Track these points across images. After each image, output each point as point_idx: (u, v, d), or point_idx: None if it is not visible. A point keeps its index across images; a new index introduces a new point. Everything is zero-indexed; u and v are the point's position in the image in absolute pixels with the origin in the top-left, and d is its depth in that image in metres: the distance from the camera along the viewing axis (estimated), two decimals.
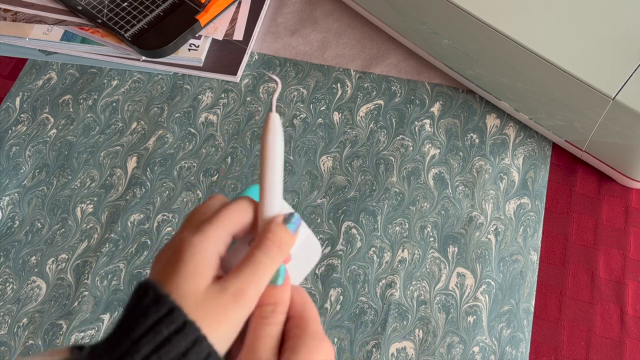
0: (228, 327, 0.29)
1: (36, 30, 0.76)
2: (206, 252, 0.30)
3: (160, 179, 0.67)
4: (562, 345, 0.57)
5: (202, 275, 0.30)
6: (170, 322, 0.28)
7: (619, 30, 0.59)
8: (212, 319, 0.29)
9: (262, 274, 0.31)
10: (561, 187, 0.65)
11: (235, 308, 0.29)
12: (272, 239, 0.32)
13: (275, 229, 0.32)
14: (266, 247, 0.31)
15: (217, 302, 0.29)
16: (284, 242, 0.32)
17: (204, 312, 0.29)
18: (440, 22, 0.65)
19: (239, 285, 0.30)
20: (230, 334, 0.30)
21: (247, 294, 0.30)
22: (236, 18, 0.77)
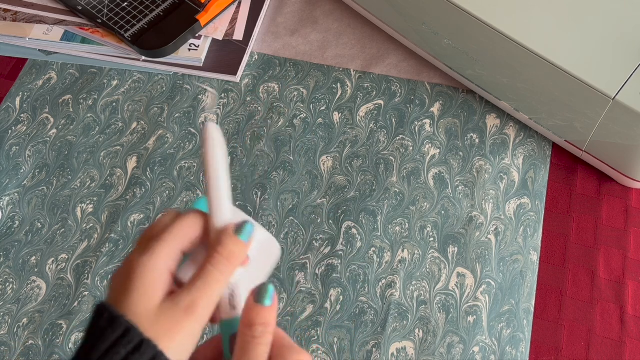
0: (183, 339, 0.30)
1: (36, 30, 0.76)
2: (155, 271, 0.31)
3: (160, 179, 0.67)
4: (562, 345, 0.57)
5: (153, 293, 0.30)
6: (128, 342, 0.29)
7: (619, 30, 0.59)
8: (167, 334, 0.30)
9: (213, 286, 0.31)
10: (561, 187, 0.65)
11: (188, 321, 0.30)
12: (221, 252, 0.32)
13: (225, 241, 0.32)
14: (215, 260, 0.32)
15: (171, 317, 0.30)
16: (233, 254, 0.32)
17: (159, 328, 0.30)
18: (440, 22, 0.65)
19: (190, 299, 0.30)
20: (187, 346, 0.31)
21: (199, 306, 0.31)
22: (236, 18, 0.77)
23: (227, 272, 0.32)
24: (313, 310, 0.60)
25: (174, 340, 0.30)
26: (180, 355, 0.30)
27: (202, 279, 0.31)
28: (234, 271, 0.33)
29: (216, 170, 0.34)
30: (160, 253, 0.31)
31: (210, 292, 0.31)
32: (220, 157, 0.34)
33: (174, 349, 0.30)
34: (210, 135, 0.34)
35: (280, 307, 0.60)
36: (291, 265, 0.62)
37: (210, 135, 0.34)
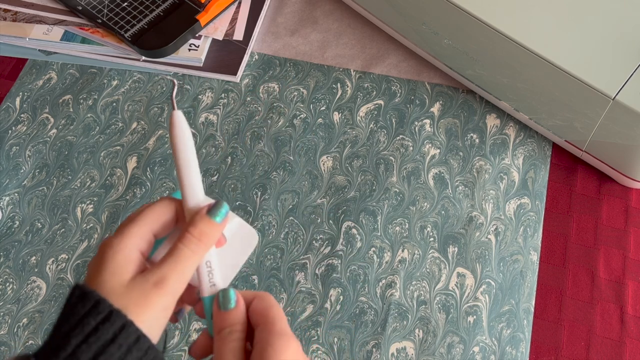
0: (154, 312, 0.31)
1: (36, 30, 0.76)
2: (125, 250, 0.33)
3: (160, 179, 0.67)
4: (562, 345, 0.57)
5: (122, 271, 0.32)
6: (97, 314, 0.30)
7: (619, 30, 0.59)
8: (137, 306, 0.31)
9: (183, 263, 0.33)
10: (561, 187, 0.65)
11: (157, 295, 0.32)
12: (192, 232, 0.34)
13: (197, 222, 0.34)
14: (186, 239, 0.33)
15: (140, 291, 0.31)
16: (204, 233, 0.34)
17: (128, 301, 0.31)
18: (440, 22, 0.65)
19: (160, 274, 0.32)
20: (158, 320, 0.32)
21: (169, 281, 0.32)
22: (236, 18, 0.77)
23: (198, 250, 0.33)
24: (313, 310, 0.60)
25: (144, 313, 0.31)
26: (150, 327, 0.31)
27: (172, 256, 0.33)
28: (206, 250, 0.34)
29: (185, 155, 0.35)
30: (130, 234, 0.33)
31: (180, 268, 0.33)
32: (188, 142, 0.35)
33: (144, 321, 0.31)
34: (177, 123, 0.35)
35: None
36: (291, 265, 0.62)
37: (177, 123, 0.35)
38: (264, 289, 0.61)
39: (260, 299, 0.35)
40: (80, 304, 0.30)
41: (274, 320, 0.34)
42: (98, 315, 0.30)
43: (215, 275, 0.35)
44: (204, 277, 0.35)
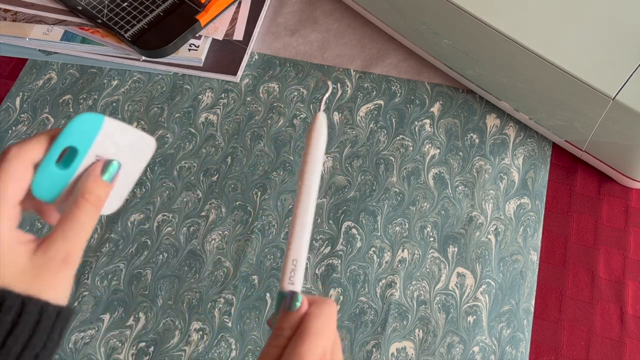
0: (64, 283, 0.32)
1: (36, 30, 0.76)
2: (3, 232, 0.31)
3: (160, 179, 0.67)
4: (562, 345, 0.57)
5: (15, 256, 0.31)
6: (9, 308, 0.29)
7: (619, 30, 0.59)
8: (49, 285, 0.31)
9: (85, 232, 0.33)
10: (561, 187, 0.65)
11: (66, 269, 0.32)
12: (89, 199, 0.33)
13: (92, 186, 0.33)
14: (84, 207, 0.33)
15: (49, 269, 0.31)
16: (101, 197, 0.33)
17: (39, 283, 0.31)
18: (440, 22, 0.65)
19: (66, 249, 0.32)
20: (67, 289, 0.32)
21: (75, 254, 0.32)
22: (236, 18, 0.77)
23: (94, 216, 0.33)
24: None
25: (56, 289, 0.31)
26: (64, 299, 0.32)
27: (73, 227, 0.32)
28: (99, 214, 0.34)
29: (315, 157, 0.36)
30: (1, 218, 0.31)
31: (82, 237, 0.33)
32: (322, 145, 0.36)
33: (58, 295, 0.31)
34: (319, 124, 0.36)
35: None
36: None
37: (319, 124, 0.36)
38: (264, 289, 0.61)
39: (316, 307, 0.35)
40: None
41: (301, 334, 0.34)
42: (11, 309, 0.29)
43: (296, 276, 0.35)
44: (286, 274, 0.35)
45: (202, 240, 0.64)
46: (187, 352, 0.58)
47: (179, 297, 0.61)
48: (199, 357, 0.58)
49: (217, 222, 0.64)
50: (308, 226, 0.36)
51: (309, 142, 0.35)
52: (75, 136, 0.33)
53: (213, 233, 0.64)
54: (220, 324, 0.59)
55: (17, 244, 0.31)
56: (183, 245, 0.63)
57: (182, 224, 0.64)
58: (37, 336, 0.30)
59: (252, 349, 0.58)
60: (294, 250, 0.36)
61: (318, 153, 0.35)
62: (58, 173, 0.33)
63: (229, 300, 0.60)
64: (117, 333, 0.59)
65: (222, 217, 0.65)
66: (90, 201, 0.33)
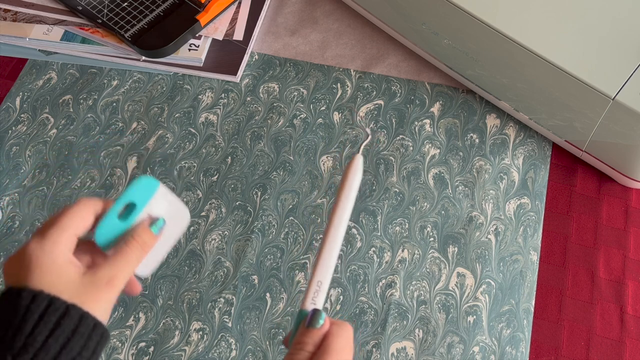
0: (104, 304, 0.37)
1: (36, 30, 0.76)
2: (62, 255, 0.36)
3: (160, 178, 0.67)
4: (562, 345, 0.57)
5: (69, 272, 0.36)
6: (55, 310, 0.34)
7: (619, 30, 0.59)
8: (92, 300, 0.36)
9: (130, 266, 0.39)
10: (561, 187, 0.65)
11: (109, 291, 0.37)
12: (138, 240, 0.39)
13: (141, 232, 0.40)
14: (132, 246, 0.39)
15: (94, 288, 0.36)
16: (146, 242, 0.40)
17: (84, 297, 0.36)
18: (440, 22, 0.65)
19: (111, 273, 0.37)
20: (107, 310, 0.37)
21: (118, 280, 0.37)
22: (236, 18, 0.77)
23: (140, 255, 0.39)
24: None
25: (97, 305, 0.36)
26: (102, 316, 0.36)
27: (122, 259, 0.38)
28: (145, 255, 0.40)
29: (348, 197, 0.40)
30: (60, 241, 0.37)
31: (127, 269, 0.38)
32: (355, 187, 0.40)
33: (98, 312, 0.36)
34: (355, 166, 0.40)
35: (280, 307, 0.60)
36: (291, 265, 0.62)
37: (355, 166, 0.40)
38: (264, 289, 0.61)
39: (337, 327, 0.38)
40: (34, 305, 0.34)
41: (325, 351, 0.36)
42: (56, 311, 0.34)
43: (319, 297, 0.38)
44: (310, 294, 0.38)
45: (202, 240, 0.64)
46: (187, 352, 0.58)
47: (179, 297, 0.61)
48: (199, 357, 0.58)
49: (217, 222, 0.64)
50: (336, 252, 0.38)
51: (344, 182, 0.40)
52: (135, 194, 0.40)
53: (213, 233, 0.64)
54: (220, 324, 0.59)
55: (70, 264, 0.36)
56: (183, 245, 0.63)
57: None
58: (75, 340, 0.34)
59: (252, 349, 0.58)
60: (320, 273, 0.38)
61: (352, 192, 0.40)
62: (117, 224, 0.40)
63: (229, 300, 0.60)
64: (117, 333, 0.59)
65: (222, 217, 0.65)
66: (138, 241, 0.39)
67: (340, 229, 0.39)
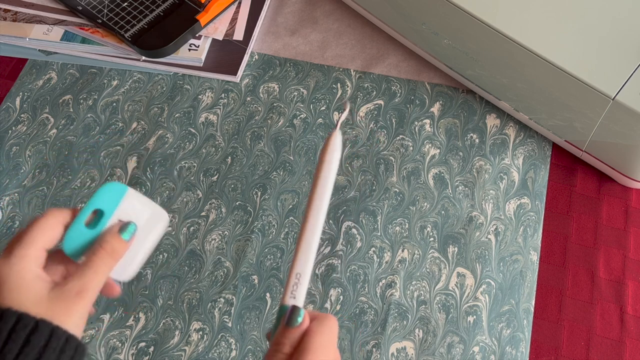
0: (77, 316, 0.36)
1: (36, 30, 0.76)
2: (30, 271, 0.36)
3: (160, 179, 0.67)
4: (562, 345, 0.57)
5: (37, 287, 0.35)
6: (23, 327, 0.33)
7: (619, 30, 0.59)
8: (62, 314, 0.35)
9: (100, 275, 0.37)
10: (561, 187, 0.65)
11: (80, 303, 0.36)
12: (106, 248, 0.38)
13: (109, 239, 0.38)
14: (100, 254, 0.38)
15: (64, 300, 0.35)
16: (115, 250, 0.38)
17: (54, 311, 0.35)
18: (440, 22, 0.65)
19: (81, 284, 0.36)
20: (81, 321, 0.36)
21: (89, 291, 0.36)
22: (236, 18, 0.77)
23: (109, 264, 0.38)
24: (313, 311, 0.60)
25: (69, 319, 0.35)
26: (75, 329, 0.35)
27: (90, 269, 0.37)
28: (116, 262, 0.39)
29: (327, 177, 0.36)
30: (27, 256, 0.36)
31: (97, 279, 0.37)
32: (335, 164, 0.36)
33: (70, 326, 0.35)
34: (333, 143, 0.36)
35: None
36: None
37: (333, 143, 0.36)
38: (264, 289, 0.61)
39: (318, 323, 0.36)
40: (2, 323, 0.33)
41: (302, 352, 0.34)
42: (25, 328, 0.33)
43: (299, 290, 0.36)
44: (289, 287, 0.36)
45: (202, 240, 0.64)
46: (187, 352, 0.58)
47: (179, 297, 0.61)
48: (199, 357, 0.58)
49: (217, 222, 0.64)
50: (315, 241, 0.36)
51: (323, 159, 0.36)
52: (103, 201, 0.39)
53: (213, 233, 0.64)
54: (220, 324, 0.59)
55: (38, 279, 0.36)
56: (183, 245, 0.63)
57: (182, 224, 0.64)
58: (46, 356, 0.33)
59: (252, 349, 0.58)
60: (298, 264, 0.35)
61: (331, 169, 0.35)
62: (86, 232, 0.38)
63: (229, 300, 0.60)
64: (117, 333, 0.59)
65: (222, 217, 0.65)
66: (106, 249, 0.38)
67: (320, 217, 0.36)
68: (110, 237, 0.39)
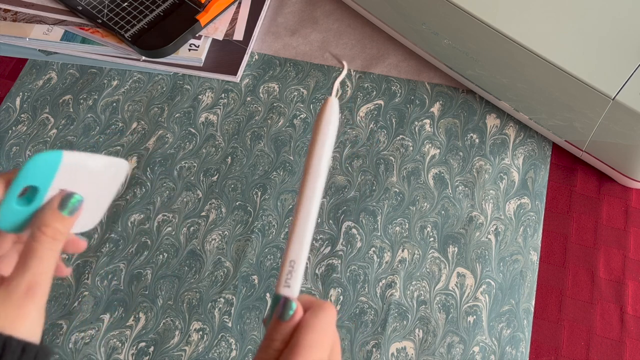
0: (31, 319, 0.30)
1: (36, 30, 0.76)
2: None
3: (160, 179, 0.67)
4: (562, 345, 0.57)
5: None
6: None
7: (619, 30, 0.59)
8: (13, 320, 0.30)
9: (46, 263, 0.32)
10: (561, 187, 0.65)
11: (32, 301, 0.30)
12: (46, 232, 0.32)
13: (49, 220, 0.32)
14: (42, 240, 0.32)
15: (12, 304, 0.30)
16: (59, 231, 0.32)
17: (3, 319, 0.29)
18: (440, 22, 0.65)
19: (28, 280, 0.31)
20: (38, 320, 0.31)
21: (38, 284, 0.31)
22: (236, 18, 0.77)
23: (55, 247, 0.32)
24: None
25: (22, 323, 0.30)
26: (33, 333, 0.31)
27: (33, 259, 0.31)
28: (61, 245, 0.33)
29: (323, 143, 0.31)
30: None
31: (43, 267, 0.31)
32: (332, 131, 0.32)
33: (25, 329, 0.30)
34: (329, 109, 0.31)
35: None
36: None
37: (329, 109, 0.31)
38: (264, 289, 0.61)
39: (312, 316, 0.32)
40: None
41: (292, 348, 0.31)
42: None
43: (293, 278, 0.33)
44: (282, 276, 0.33)
45: (202, 240, 0.64)
46: (187, 352, 0.58)
47: (179, 297, 0.61)
48: (199, 357, 0.58)
49: (217, 222, 0.64)
50: (310, 226, 0.33)
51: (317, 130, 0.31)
52: (34, 175, 0.33)
53: (213, 233, 0.64)
54: (220, 324, 0.59)
55: None
56: (183, 245, 0.63)
57: (182, 224, 0.64)
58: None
59: (252, 349, 0.58)
60: (292, 251, 0.33)
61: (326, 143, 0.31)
62: (21, 210, 0.33)
63: (229, 300, 0.60)
64: (117, 333, 0.59)
65: (222, 217, 0.65)
66: (47, 234, 0.32)
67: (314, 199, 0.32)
68: (49, 216, 0.33)
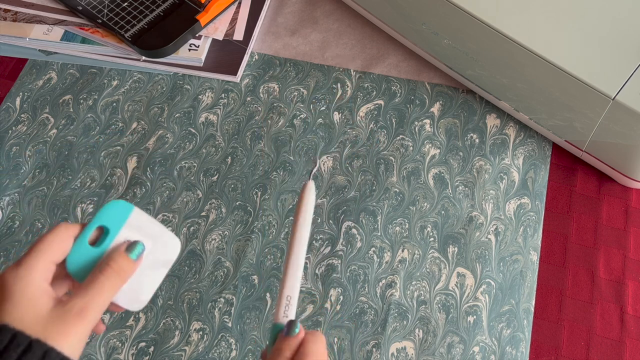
0: (76, 338, 0.34)
1: (36, 30, 0.76)
2: (35, 283, 0.35)
3: (160, 179, 0.67)
4: (562, 345, 0.57)
5: (38, 303, 0.34)
6: (17, 346, 0.32)
7: (619, 30, 0.59)
8: (60, 334, 0.33)
9: (104, 295, 0.36)
10: (561, 187, 0.65)
11: (79, 323, 0.34)
12: (112, 266, 0.37)
13: (117, 258, 0.37)
14: (107, 272, 0.36)
15: (63, 321, 0.34)
16: (122, 269, 0.37)
17: (51, 331, 0.33)
18: (440, 22, 0.65)
19: (82, 304, 0.35)
20: (80, 343, 0.35)
21: (90, 311, 0.35)
22: (236, 18, 0.77)
23: (116, 283, 0.37)
24: (313, 310, 0.60)
25: (66, 340, 0.33)
26: (73, 351, 0.34)
27: (94, 287, 0.36)
28: (122, 284, 0.37)
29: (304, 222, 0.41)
30: (35, 267, 0.35)
31: (100, 298, 0.36)
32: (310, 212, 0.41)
33: (67, 347, 0.33)
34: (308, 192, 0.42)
35: None
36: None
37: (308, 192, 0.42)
38: (264, 289, 0.61)
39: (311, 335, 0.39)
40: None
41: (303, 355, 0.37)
42: (18, 347, 0.32)
43: (290, 310, 0.40)
44: (281, 309, 0.40)
45: (202, 240, 0.64)
46: (187, 352, 0.58)
47: (179, 297, 0.61)
48: (199, 357, 0.58)
49: (217, 222, 0.64)
50: (300, 267, 0.41)
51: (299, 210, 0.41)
52: (108, 218, 0.38)
53: (213, 233, 0.64)
54: (220, 324, 0.59)
55: (43, 294, 0.34)
56: (183, 245, 0.63)
57: (182, 224, 0.64)
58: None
59: (252, 349, 0.58)
60: (288, 289, 0.40)
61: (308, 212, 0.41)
62: (90, 251, 0.37)
63: (229, 300, 0.60)
64: (117, 333, 0.59)
65: (222, 217, 0.65)
66: (113, 268, 0.36)
67: (302, 248, 0.41)
68: (117, 255, 0.37)
